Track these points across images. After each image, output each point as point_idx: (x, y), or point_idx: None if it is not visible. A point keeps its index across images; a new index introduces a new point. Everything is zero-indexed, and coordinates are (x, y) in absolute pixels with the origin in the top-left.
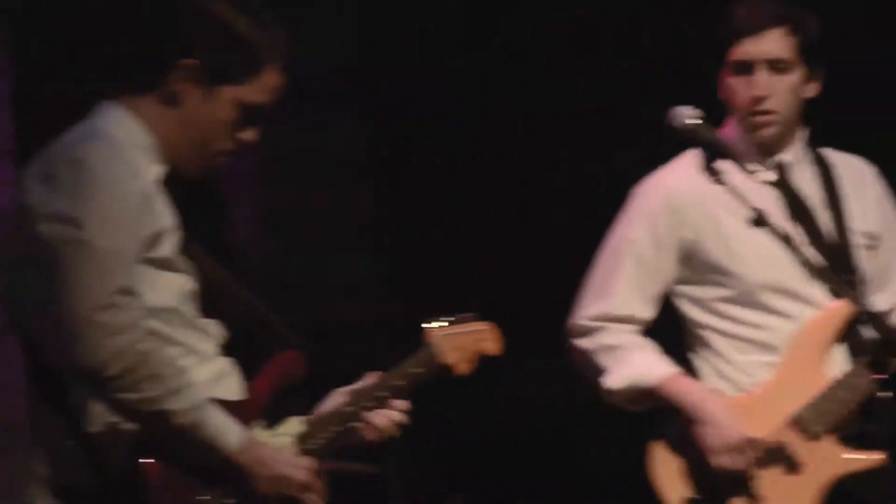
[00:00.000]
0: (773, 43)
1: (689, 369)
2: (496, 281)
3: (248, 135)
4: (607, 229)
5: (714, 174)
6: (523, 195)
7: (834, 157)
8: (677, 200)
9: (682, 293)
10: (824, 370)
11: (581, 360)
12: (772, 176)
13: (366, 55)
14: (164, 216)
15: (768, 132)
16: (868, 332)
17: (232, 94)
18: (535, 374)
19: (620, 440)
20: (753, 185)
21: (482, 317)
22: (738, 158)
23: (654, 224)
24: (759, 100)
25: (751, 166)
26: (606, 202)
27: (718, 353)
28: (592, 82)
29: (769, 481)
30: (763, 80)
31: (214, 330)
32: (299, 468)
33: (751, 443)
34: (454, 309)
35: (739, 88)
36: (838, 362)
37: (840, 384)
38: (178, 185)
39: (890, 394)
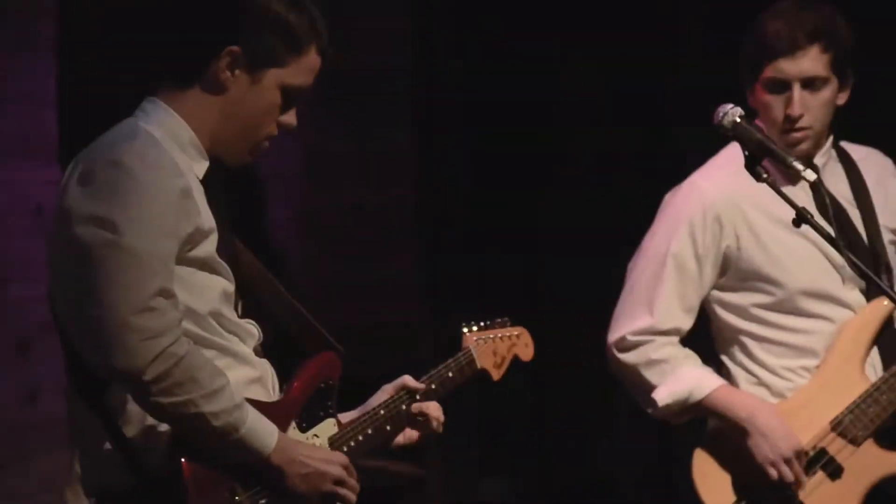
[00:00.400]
0: (808, 62)
1: (721, 373)
2: (535, 286)
3: (290, 118)
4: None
5: (757, 174)
6: (566, 199)
7: (855, 151)
8: (716, 207)
9: (717, 299)
10: (864, 373)
11: (626, 374)
12: (812, 175)
13: (416, 56)
14: (205, 216)
15: (804, 146)
16: None
17: (275, 78)
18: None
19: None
20: (791, 187)
21: (516, 321)
22: (783, 159)
23: (695, 234)
24: (795, 118)
25: (797, 164)
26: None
27: (755, 358)
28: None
29: (811, 488)
30: (798, 99)
31: (252, 331)
32: (333, 464)
33: (801, 454)
34: (491, 313)
35: (775, 104)
36: (873, 363)
37: (881, 387)
38: (220, 184)
39: None
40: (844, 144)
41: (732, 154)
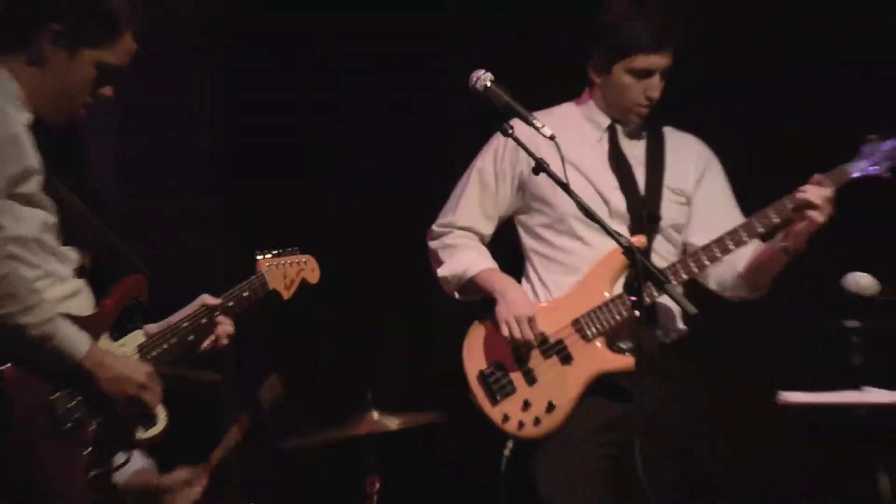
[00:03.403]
0: (669, 58)
1: (522, 283)
2: (324, 218)
3: (107, 91)
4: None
5: (503, 129)
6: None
7: (672, 133)
8: (513, 140)
9: (519, 221)
10: (609, 290)
11: (430, 255)
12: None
13: (206, 15)
14: (31, 157)
15: (640, 119)
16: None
17: (92, 57)
18: None
19: None
20: (588, 140)
21: (304, 250)
22: (526, 118)
23: (496, 157)
24: (654, 99)
25: (536, 123)
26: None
27: (538, 273)
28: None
29: (545, 368)
30: (657, 85)
31: (71, 256)
32: (138, 371)
33: (533, 322)
34: (282, 243)
35: (635, 88)
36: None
37: (615, 300)
38: (44, 134)
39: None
40: (666, 127)
41: (558, 108)
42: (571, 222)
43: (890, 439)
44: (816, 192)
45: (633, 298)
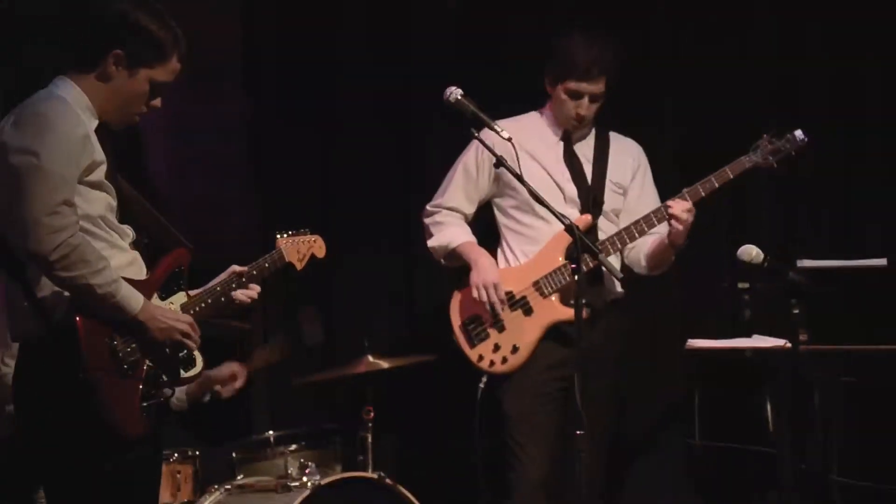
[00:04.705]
0: (598, 86)
1: (496, 256)
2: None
3: (157, 102)
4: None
5: (472, 133)
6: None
7: (615, 137)
8: (496, 141)
9: (495, 203)
10: (563, 257)
11: (424, 230)
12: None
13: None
14: (97, 153)
15: (579, 132)
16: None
17: (147, 75)
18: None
19: None
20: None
21: (314, 231)
22: (488, 124)
23: (477, 152)
24: (583, 118)
25: (496, 128)
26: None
27: (509, 244)
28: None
29: (511, 318)
30: (586, 106)
31: (128, 232)
32: (181, 321)
33: (498, 285)
34: (297, 225)
35: (569, 104)
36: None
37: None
38: (108, 135)
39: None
40: (612, 133)
41: (524, 116)
42: (533, 204)
43: (772, 375)
44: (679, 207)
45: (574, 266)
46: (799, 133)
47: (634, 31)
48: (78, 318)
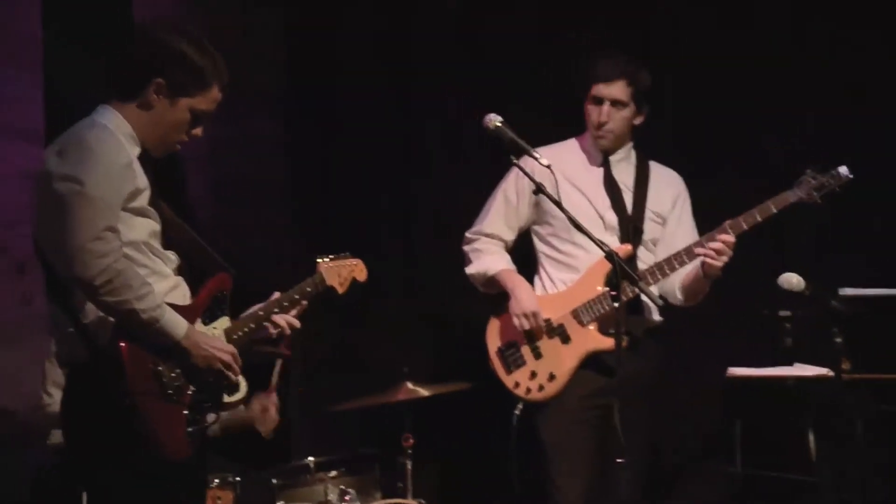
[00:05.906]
0: (616, 89)
1: (534, 282)
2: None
3: (198, 131)
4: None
5: (510, 160)
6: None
7: (655, 166)
8: (535, 168)
9: (534, 231)
10: (601, 286)
11: (464, 257)
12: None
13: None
14: (140, 180)
15: (603, 143)
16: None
17: (188, 104)
18: None
19: None
20: (590, 167)
21: (356, 255)
22: (527, 151)
23: (517, 180)
24: (602, 123)
25: (535, 154)
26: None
27: (547, 271)
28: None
29: (549, 346)
30: (606, 112)
31: (172, 258)
32: (223, 351)
33: (537, 314)
34: (338, 249)
35: (592, 113)
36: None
37: (597, 299)
38: (150, 162)
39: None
40: (652, 161)
41: (564, 143)
42: (572, 232)
43: (813, 404)
44: (723, 240)
45: (613, 293)
46: (844, 169)
47: (634, 31)
48: (122, 344)
